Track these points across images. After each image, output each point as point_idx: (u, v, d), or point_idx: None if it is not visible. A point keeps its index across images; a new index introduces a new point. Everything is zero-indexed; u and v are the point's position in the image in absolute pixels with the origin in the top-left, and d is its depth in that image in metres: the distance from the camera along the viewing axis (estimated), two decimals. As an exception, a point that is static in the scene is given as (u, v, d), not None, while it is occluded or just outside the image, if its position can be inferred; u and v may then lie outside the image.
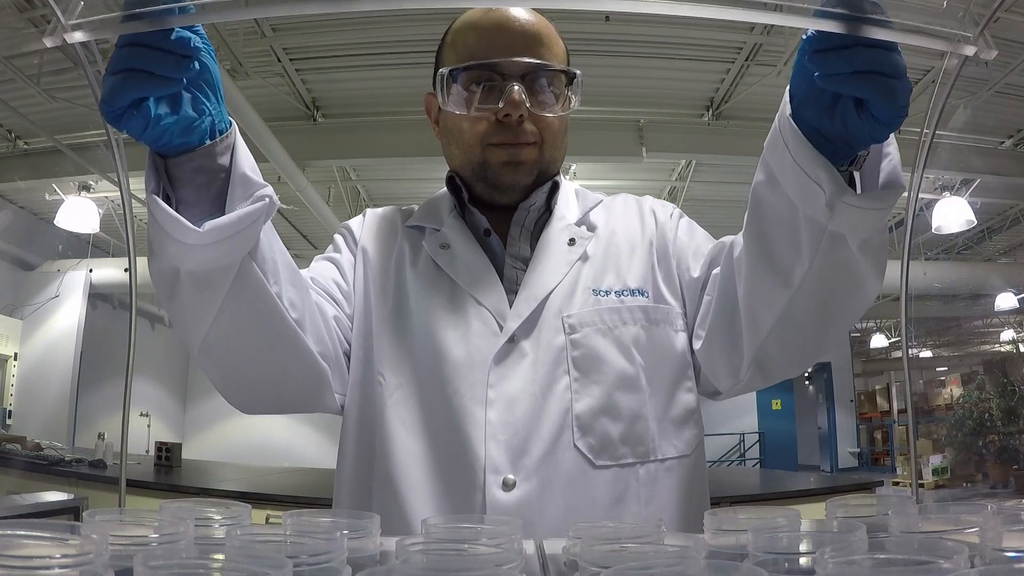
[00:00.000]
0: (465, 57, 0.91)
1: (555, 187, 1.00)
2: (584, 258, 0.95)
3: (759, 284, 0.79)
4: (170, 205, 0.69)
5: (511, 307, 0.90)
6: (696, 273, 0.94)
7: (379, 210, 1.08)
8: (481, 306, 0.90)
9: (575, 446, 0.85)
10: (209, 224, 0.68)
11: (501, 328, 0.89)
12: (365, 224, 1.04)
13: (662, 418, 0.90)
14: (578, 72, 0.94)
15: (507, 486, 0.83)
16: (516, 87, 0.88)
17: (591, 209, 1.01)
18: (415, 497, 0.85)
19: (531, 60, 0.90)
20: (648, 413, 0.89)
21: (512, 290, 0.92)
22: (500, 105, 0.88)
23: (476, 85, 0.90)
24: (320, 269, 0.98)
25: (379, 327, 0.93)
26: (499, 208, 0.97)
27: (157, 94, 0.64)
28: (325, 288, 0.95)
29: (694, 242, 0.98)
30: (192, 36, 0.63)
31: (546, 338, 0.89)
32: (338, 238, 1.04)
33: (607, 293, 0.92)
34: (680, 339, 0.94)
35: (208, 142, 0.69)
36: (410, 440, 0.88)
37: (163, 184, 0.71)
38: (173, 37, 0.62)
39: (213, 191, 0.71)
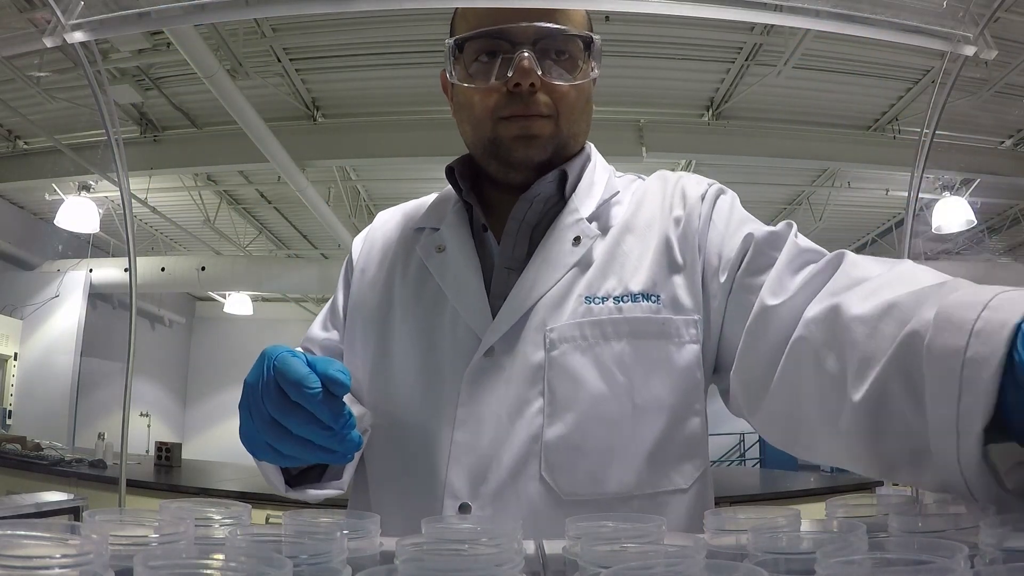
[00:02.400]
0: (474, 26, 0.85)
1: (564, 176, 0.88)
2: (586, 261, 0.84)
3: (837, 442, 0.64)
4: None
5: (494, 317, 0.81)
6: (723, 278, 0.81)
7: (387, 214, 1.03)
8: (460, 318, 0.83)
9: (541, 477, 0.77)
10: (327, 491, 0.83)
11: (480, 341, 0.81)
12: (367, 239, 1.00)
13: (652, 448, 0.79)
14: (596, 37, 0.86)
15: (462, 513, 0.77)
16: (526, 54, 0.80)
17: (611, 198, 0.89)
18: (384, 517, 0.82)
19: (541, 24, 0.82)
20: (631, 444, 0.78)
21: (502, 295, 0.83)
22: (509, 74, 0.81)
23: (485, 55, 0.84)
24: (327, 324, 0.99)
25: (363, 350, 0.90)
26: (510, 197, 0.88)
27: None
28: (327, 350, 0.95)
29: (728, 231, 0.83)
30: (358, 436, 0.68)
31: (524, 354, 0.80)
32: (343, 270, 1.01)
33: (603, 300, 0.81)
34: (687, 354, 0.81)
35: None
36: (384, 460, 0.85)
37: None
38: (345, 445, 0.67)
39: None
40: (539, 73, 0.82)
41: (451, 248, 0.88)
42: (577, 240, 0.84)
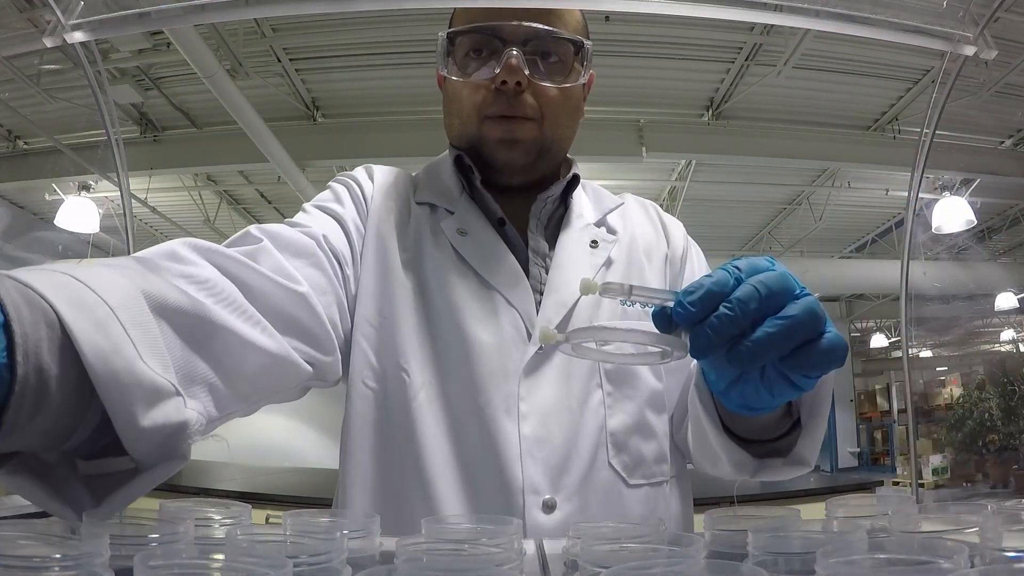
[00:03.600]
0: (468, 22, 0.86)
1: (575, 180, 0.93)
2: (608, 263, 0.89)
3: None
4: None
5: (538, 311, 0.83)
6: None
7: (387, 170, 0.96)
8: (512, 307, 0.82)
9: (610, 464, 0.81)
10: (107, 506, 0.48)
11: (530, 335, 0.81)
12: (376, 184, 0.92)
13: (672, 436, 0.89)
14: (587, 42, 0.87)
15: (548, 507, 0.76)
16: (515, 52, 0.81)
17: (610, 212, 0.96)
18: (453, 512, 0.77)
19: (532, 25, 0.83)
20: (666, 432, 0.87)
21: (537, 289, 0.85)
22: (496, 71, 0.82)
23: (476, 51, 0.85)
24: (325, 226, 0.83)
25: (401, 314, 0.83)
26: (506, 195, 0.90)
27: None
28: (334, 251, 0.81)
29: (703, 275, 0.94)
30: None
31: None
32: (341, 189, 0.90)
33: (632, 304, 0.87)
34: (688, 362, 0.88)
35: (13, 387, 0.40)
36: (441, 451, 0.79)
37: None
38: None
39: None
40: (527, 72, 0.82)
41: (475, 235, 0.87)
42: (595, 243, 0.90)
